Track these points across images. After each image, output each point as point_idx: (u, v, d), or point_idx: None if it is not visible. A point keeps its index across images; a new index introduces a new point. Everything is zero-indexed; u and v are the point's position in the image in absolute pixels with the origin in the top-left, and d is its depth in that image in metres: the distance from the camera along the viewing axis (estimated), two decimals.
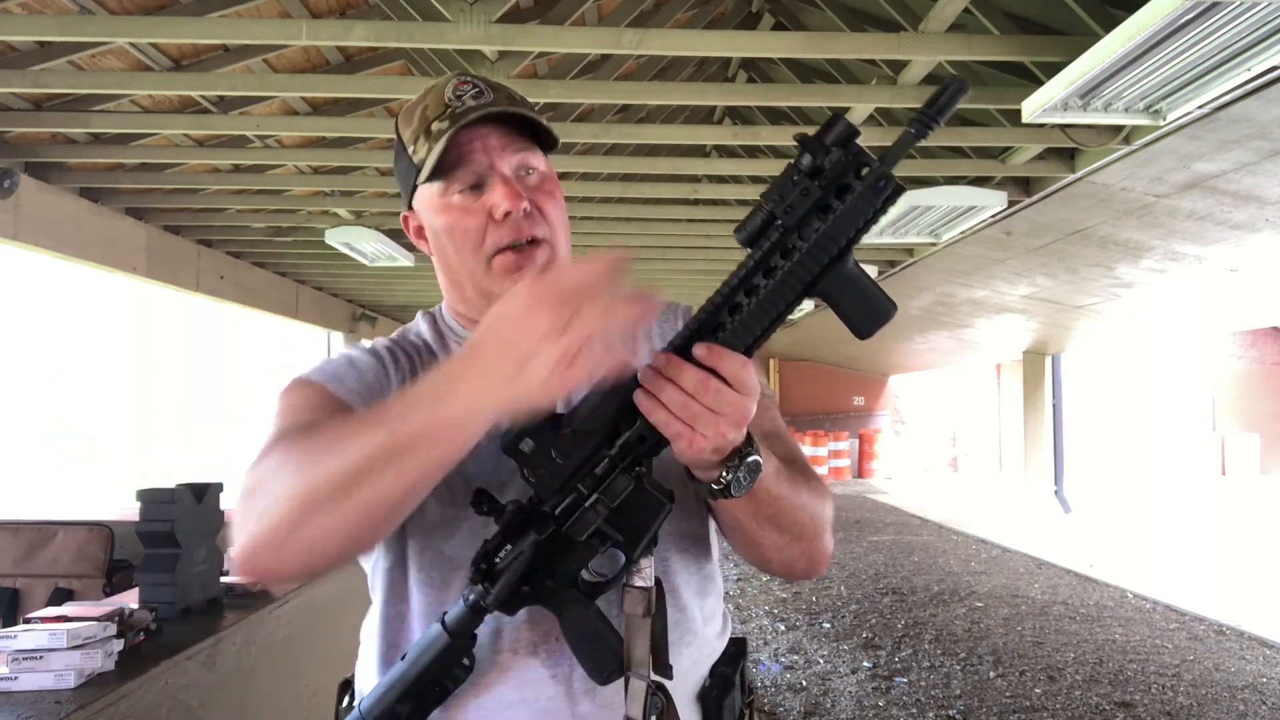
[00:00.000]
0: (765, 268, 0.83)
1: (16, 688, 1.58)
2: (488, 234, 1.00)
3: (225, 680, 2.05)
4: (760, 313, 0.83)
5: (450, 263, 1.05)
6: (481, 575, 0.89)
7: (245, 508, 0.82)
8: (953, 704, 4.41)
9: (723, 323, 0.84)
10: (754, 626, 5.97)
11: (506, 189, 0.99)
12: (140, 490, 2.16)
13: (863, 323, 0.86)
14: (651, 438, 0.85)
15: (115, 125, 4.13)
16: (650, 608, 0.90)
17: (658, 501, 0.89)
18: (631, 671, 0.89)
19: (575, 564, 0.90)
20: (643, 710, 0.88)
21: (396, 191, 4.64)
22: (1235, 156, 3.69)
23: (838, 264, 0.83)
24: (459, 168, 1.00)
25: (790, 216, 0.82)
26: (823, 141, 0.81)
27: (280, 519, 0.78)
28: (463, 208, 1.01)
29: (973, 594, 6.88)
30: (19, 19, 3.16)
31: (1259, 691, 4.61)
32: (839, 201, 0.81)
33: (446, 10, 3.07)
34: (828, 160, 0.81)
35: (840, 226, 0.81)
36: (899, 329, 11.07)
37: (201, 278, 6.56)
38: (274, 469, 0.83)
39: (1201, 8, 2.19)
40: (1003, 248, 5.93)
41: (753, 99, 4.65)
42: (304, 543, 0.79)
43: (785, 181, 0.82)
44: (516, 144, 1.02)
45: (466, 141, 1.00)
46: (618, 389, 0.85)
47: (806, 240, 0.82)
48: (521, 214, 1.00)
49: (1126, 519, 10.93)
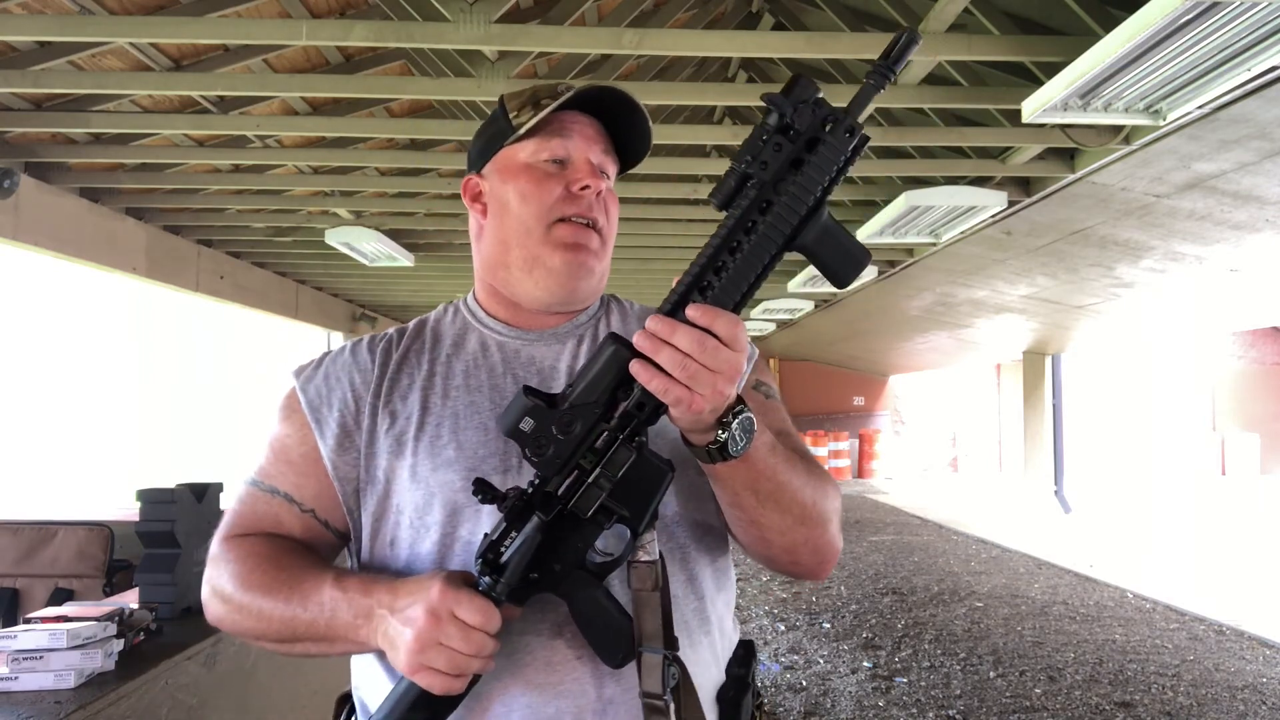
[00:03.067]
0: (746, 225, 0.85)
1: (16, 688, 1.57)
2: (559, 202, 1.05)
3: (225, 680, 2.05)
4: (745, 268, 0.85)
5: (509, 222, 1.07)
6: (489, 566, 0.89)
7: (208, 574, 1.03)
8: (953, 704, 4.41)
9: (709, 283, 0.85)
10: (754, 626, 5.97)
11: (590, 168, 1.07)
12: (140, 490, 2.16)
13: (842, 271, 0.88)
14: (650, 404, 0.86)
15: (115, 125, 4.13)
16: (658, 582, 0.91)
17: (659, 471, 0.89)
18: (645, 646, 0.89)
19: (582, 544, 0.90)
20: (661, 682, 0.88)
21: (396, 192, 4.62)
22: (1235, 156, 3.69)
23: (814, 216, 0.85)
24: (556, 137, 1.06)
25: (765, 172, 0.84)
26: (789, 100, 0.84)
27: (223, 623, 1.01)
28: (545, 172, 1.06)
29: (973, 594, 6.88)
30: (19, 19, 3.16)
31: (1259, 691, 4.61)
32: (810, 155, 0.84)
33: (446, 10, 3.07)
34: (795, 117, 0.84)
35: (814, 177, 0.84)
36: (899, 329, 11.08)
37: (201, 278, 6.56)
38: (227, 578, 1.00)
39: (1201, 8, 2.19)
40: (1003, 248, 5.93)
41: (753, 99, 4.64)
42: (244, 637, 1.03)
43: (755, 141, 0.84)
44: (605, 145, 1.10)
45: (570, 121, 1.07)
46: (613, 360, 0.86)
47: (783, 195, 0.84)
48: (594, 196, 1.06)
49: (1126, 519, 10.94)
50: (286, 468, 1.05)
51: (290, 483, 1.04)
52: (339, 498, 1.03)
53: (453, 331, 1.12)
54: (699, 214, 6.08)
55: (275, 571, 0.97)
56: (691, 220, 6.25)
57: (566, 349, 1.09)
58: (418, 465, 1.00)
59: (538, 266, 1.05)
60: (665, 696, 0.88)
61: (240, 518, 1.05)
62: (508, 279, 1.09)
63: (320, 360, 1.11)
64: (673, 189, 5.44)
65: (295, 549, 1.02)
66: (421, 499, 0.99)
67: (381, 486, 1.02)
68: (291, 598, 0.95)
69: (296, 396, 1.07)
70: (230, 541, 1.03)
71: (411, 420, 1.03)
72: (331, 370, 1.08)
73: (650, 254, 7.22)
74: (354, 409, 1.05)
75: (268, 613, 0.96)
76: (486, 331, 1.10)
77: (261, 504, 1.05)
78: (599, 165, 1.08)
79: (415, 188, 5.24)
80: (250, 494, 1.06)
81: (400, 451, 1.01)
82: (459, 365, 1.07)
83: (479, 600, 0.86)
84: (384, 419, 1.04)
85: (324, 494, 1.04)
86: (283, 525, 1.04)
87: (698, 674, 0.96)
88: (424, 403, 1.04)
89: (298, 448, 1.05)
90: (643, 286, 9.05)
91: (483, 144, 1.12)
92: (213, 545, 1.04)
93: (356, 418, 1.04)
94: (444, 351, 1.09)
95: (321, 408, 1.05)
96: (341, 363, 1.09)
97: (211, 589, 1.01)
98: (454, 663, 0.85)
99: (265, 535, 1.03)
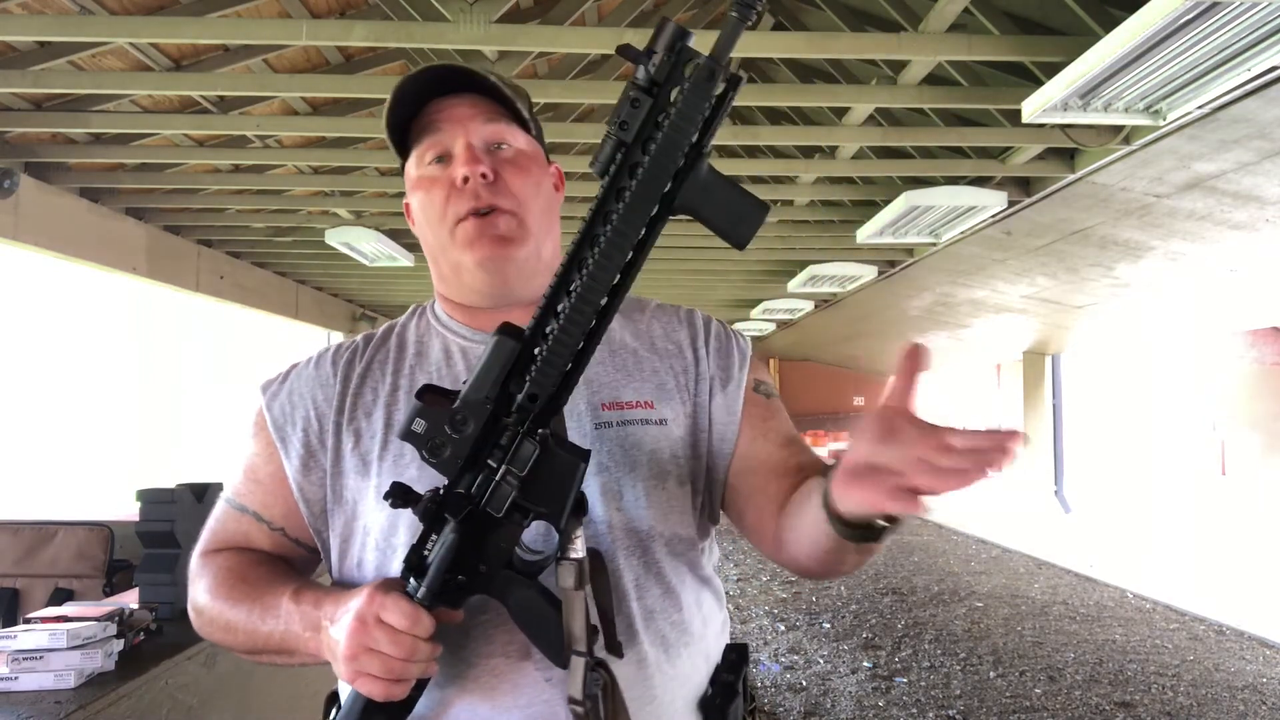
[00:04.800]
0: (617, 191, 0.80)
1: (16, 688, 1.57)
2: (449, 203, 1.00)
3: (225, 680, 2.05)
4: (619, 239, 0.80)
5: (426, 238, 1.06)
6: (411, 570, 0.87)
7: (190, 587, 1.04)
8: (953, 704, 4.41)
9: (584, 257, 0.81)
10: (754, 626, 5.97)
11: (467, 155, 0.99)
12: (140, 490, 2.16)
13: (734, 230, 0.82)
14: (543, 394, 0.83)
15: (115, 125, 4.13)
16: (583, 579, 0.86)
17: (570, 462, 0.85)
18: (572, 650, 0.86)
19: (505, 543, 0.87)
20: (582, 688, 0.85)
21: (396, 191, 4.62)
22: (1235, 156, 3.69)
23: (690, 173, 0.79)
24: (426, 135, 1.01)
25: (627, 132, 0.78)
26: (651, 51, 0.78)
27: (203, 634, 1.03)
28: (430, 178, 1.02)
29: (973, 594, 6.88)
30: (19, 19, 3.16)
31: (1259, 691, 4.60)
32: (671, 108, 0.78)
33: (446, 10, 3.07)
34: (654, 69, 0.78)
35: (679, 128, 0.77)
36: (899, 329, 11.06)
37: (201, 278, 6.56)
38: (201, 591, 1.02)
39: (1201, 8, 2.19)
40: (1003, 248, 5.93)
41: (753, 99, 4.64)
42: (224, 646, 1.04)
43: (623, 102, 0.79)
44: (488, 115, 1.02)
45: (436, 111, 1.01)
46: (497, 351, 0.83)
47: (647, 154, 0.78)
48: (480, 180, 0.99)
49: (1126, 519, 10.94)
50: (255, 486, 1.05)
51: (258, 501, 1.04)
52: (305, 519, 1.03)
53: (416, 338, 1.10)
54: None
55: (241, 585, 0.99)
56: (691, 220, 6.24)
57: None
58: (382, 485, 0.98)
59: (461, 271, 1.03)
60: (585, 703, 0.85)
61: (214, 535, 1.06)
62: (449, 288, 1.08)
63: (285, 375, 1.09)
64: None
65: (265, 561, 1.03)
66: (387, 521, 0.97)
67: (349, 508, 1.01)
68: (254, 609, 0.96)
69: (264, 415, 1.05)
70: (205, 557, 1.05)
71: (376, 439, 1.01)
72: (295, 386, 1.06)
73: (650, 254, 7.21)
74: (318, 427, 1.03)
75: (234, 624, 0.98)
76: (450, 336, 1.08)
77: (233, 521, 1.05)
78: (489, 140, 1.01)
79: None
80: (224, 511, 1.06)
81: (365, 472, 1.00)
82: (422, 377, 1.05)
83: (404, 604, 0.84)
84: (348, 437, 1.02)
85: (291, 513, 1.03)
86: (253, 542, 1.04)
87: (674, 686, 0.94)
88: (387, 419, 1.02)
89: (264, 466, 1.04)
90: (642, 286, 8.94)
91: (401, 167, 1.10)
92: (191, 561, 1.06)
93: (320, 436, 1.02)
94: (408, 362, 1.07)
95: (286, 426, 1.04)
96: (305, 378, 1.07)
97: (190, 602, 1.04)
98: (387, 667, 0.84)
99: (237, 550, 1.04)
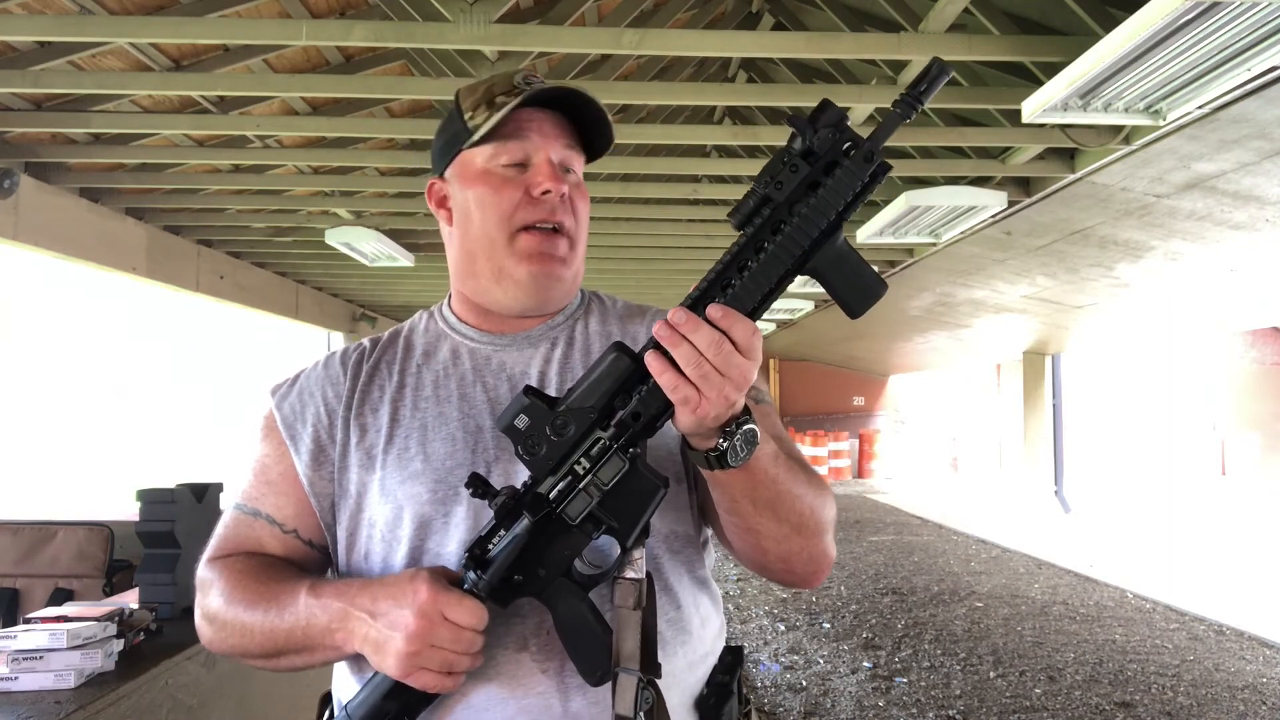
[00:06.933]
0: (757, 245, 0.84)
1: (16, 688, 1.58)
2: (519, 209, 1.03)
3: (225, 680, 2.05)
4: (752, 287, 0.84)
5: (472, 232, 1.06)
6: (474, 561, 0.89)
7: (197, 599, 1.04)
8: (953, 704, 4.41)
9: (714, 298, 0.84)
10: (754, 626, 5.97)
11: (551, 170, 1.03)
12: (140, 490, 2.16)
13: (854, 301, 0.87)
14: (646, 414, 0.85)
15: (115, 125, 4.13)
16: (641, 600, 0.89)
17: (652, 485, 0.88)
18: (621, 667, 0.88)
19: (569, 551, 0.89)
20: (633, 706, 0.86)
21: (397, 192, 4.62)
22: (1235, 156, 3.69)
23: (827, 240, 0.84)
24: (512, 140, 1.03)
25: (780, 193, 0.83)
26: (814, 124, 0.83)
27: (214, 645, 1.02)
28: (504, 177, 1.03)
29: (973, 594, 6.88)
30: (19, 19, 3.15)
31: (1259, 691, 4.60)
32: (827, 179, 0.83)
33: (446, 10, 3.07)
34: (817, 141, 0.83)
35: (827, 200, 0.83)
36: (899, 329, 11.07)
37: (201, 278, 6.56)
38: (213, 597, 1.00)
39: (1201, 8, 2.19)
40: (1003, 248, 5.93)
41: (753, 99, 4.65)
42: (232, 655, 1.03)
43: (777, 164, 0.84)
44: (567, 140, 1.06)
45: (526, 119, 1.04)
46: (613, 368, 0.86)
47: (796, 216, 0.83)
48: (557, 198, 1.03)
49: (1126, 519, 10.94)
50: (267, 488, 1.05)
51: (271, 504, 1.05)
52: (317, 514, 1.04)
53: (425, 340, 1.11)
54: (699, 214, 6.08)
55: (256, 585, 0.98)
56: (692, 220, 6.24)
57: (539, 353, 1.08)
58: (386, 478, 1.01)
59: (505, 278, 1.04)
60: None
61: (224, 541, 1.06)
62: (477, 288, 1.08)
63: (295, 378, 1.11)
64: (673, 189, 5.43)
65: (276, 563, 1.03)
66: (391, 512, 0.99)
67: (354, 500, 1.03)
68: (270, 609, 0.95)
69: (273, 416, 1.07)
70: (214, 563, 1.04)
71: (381, 433, 1.03)
72: (305, 386, 1.08)
73: (650, 254, 7.21)
74: (327, 423, 1.05)
75: (250, 626, 0.97)
76: (458, 338, 1.10)
77: (244, 527, 1.05)
78: (561, 162, 1.05)
79: (415, 188, 5.23)
80: (234, 518, 1.07)
81: (370, 465, 1.02)
82: (429, 375, 1.07)
83: (469, 601, 0.87)
84: (355, 432, 1.04)
85: (304, 513, 1.04)
86: (264, 547, 1.05)
87: (671, 685, 0.95)
88: (393, 415, 1.04)
89: (276, 466, 1.05)
90: (642, 286, 9.04)
91: (441, 145, 1.09)
92: (199, 570, 1.05)
93: (330, 431, 1.05)
94: (415, 362, 1.08)
95: (296, 424, 1.06)
96: (315, 378, 1.09)
97: (200, 612, 1.03)
98: (447, 662, 0.86)
99: (247, 554, 1.04)
